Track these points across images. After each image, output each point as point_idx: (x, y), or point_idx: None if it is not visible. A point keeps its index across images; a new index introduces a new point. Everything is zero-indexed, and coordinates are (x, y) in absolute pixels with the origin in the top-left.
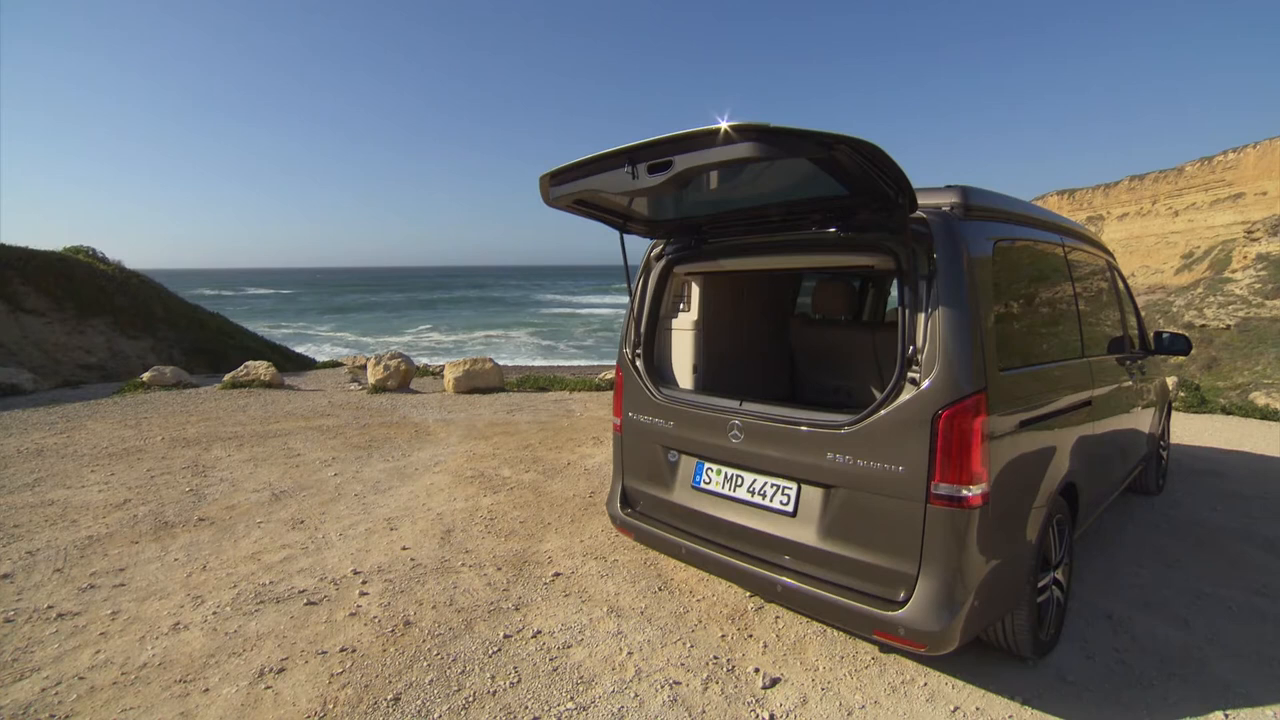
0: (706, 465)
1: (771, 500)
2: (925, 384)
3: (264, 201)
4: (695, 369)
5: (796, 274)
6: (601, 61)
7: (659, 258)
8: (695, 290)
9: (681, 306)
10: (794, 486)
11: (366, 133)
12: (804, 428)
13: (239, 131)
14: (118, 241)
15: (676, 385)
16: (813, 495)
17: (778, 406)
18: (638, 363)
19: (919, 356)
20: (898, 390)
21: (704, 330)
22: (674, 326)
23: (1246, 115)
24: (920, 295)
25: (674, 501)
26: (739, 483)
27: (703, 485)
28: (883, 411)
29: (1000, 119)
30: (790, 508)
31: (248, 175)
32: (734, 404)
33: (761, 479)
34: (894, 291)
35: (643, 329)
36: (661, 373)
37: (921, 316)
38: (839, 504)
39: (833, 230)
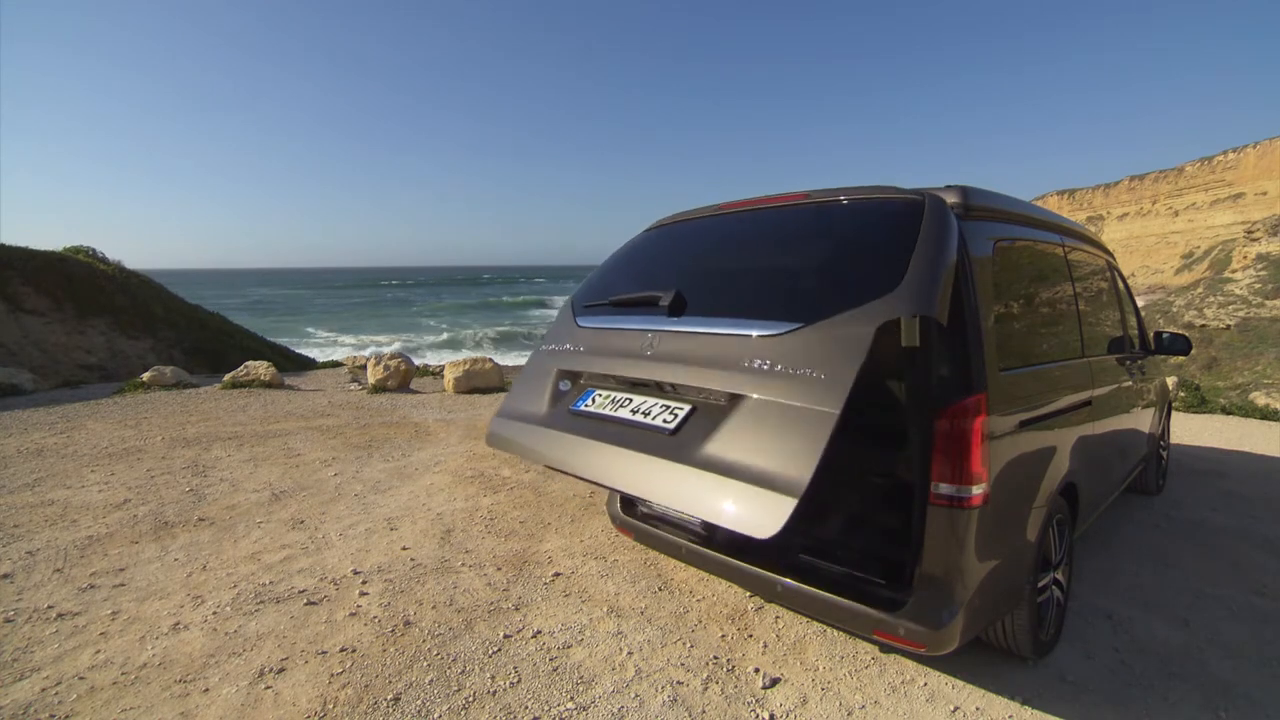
0: (596, 391)
1: (654, 419)
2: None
3: (265, 202)
4: None
5: None
6: (604, 60)
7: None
8: None
9: None
10: (686, 407)
11: (365, 132)
12: (738, 333)
13: (239, 131)
14: (118, 241)
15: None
16: (708, 410)
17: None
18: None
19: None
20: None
21: None
22: None
23: (1246, 115)
24: None
25: (538, 426)
26: (625, 404)
27: (583, 408)
28: (837, 317)
29: (1000, 119)
30: (673, 425)
31: (248, 175)
32: (661, 320)
33: (652, 400)
34: None
35: None
36: None
37: None
38: (740, 415)
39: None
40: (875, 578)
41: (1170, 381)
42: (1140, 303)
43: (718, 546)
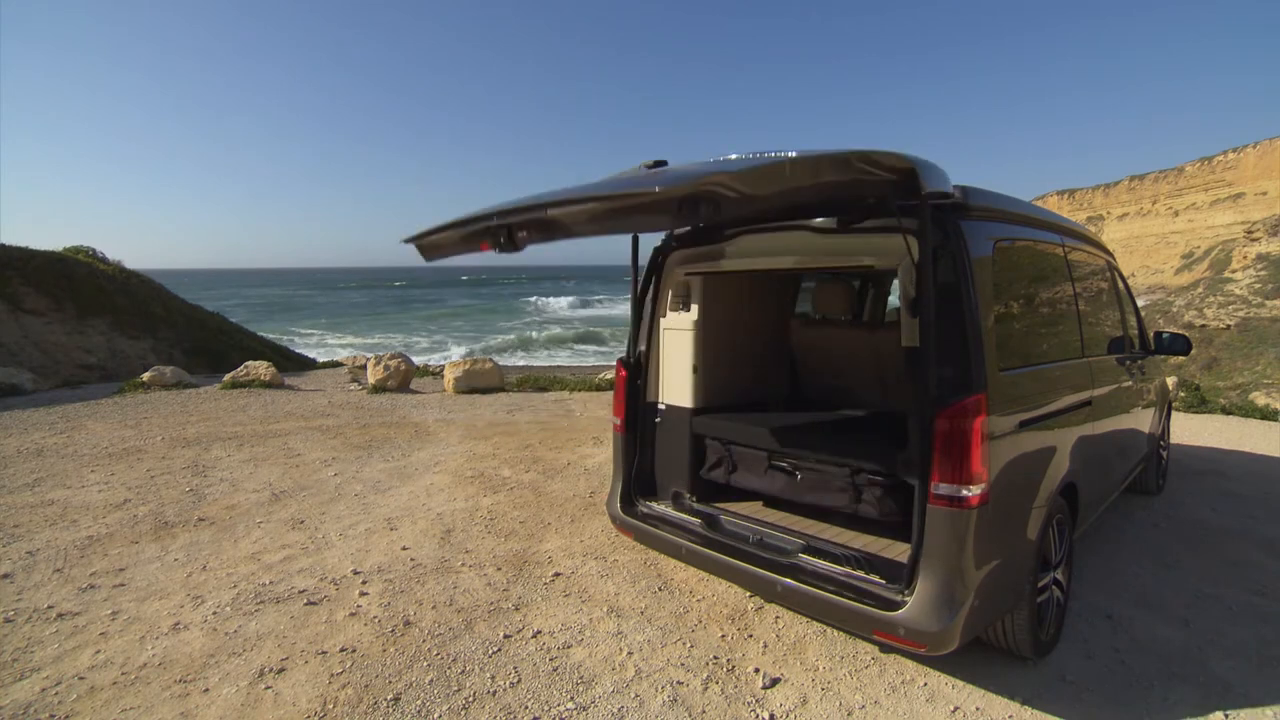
0: None
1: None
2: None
3: (265, 201)
4: (695, 369)
5: (796, 275)
6: (606, 61)
7: (662, 252)
8: (696, 289)
9: (681, 306)
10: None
11: (366, 133)
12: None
13: (240, 131)
14: (118, 241)
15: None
16: None
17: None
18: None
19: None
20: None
21: (704, 330)
22: (674, 326)
23: (1246, 115)
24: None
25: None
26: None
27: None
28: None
29: (1000, 119)
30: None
31: (249, 175)
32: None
33: None
34: (894, 291)
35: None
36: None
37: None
38: None
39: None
40: (875, 578)
41: (1170, 381)
42: (1140, 303)
43: (718, 547)
